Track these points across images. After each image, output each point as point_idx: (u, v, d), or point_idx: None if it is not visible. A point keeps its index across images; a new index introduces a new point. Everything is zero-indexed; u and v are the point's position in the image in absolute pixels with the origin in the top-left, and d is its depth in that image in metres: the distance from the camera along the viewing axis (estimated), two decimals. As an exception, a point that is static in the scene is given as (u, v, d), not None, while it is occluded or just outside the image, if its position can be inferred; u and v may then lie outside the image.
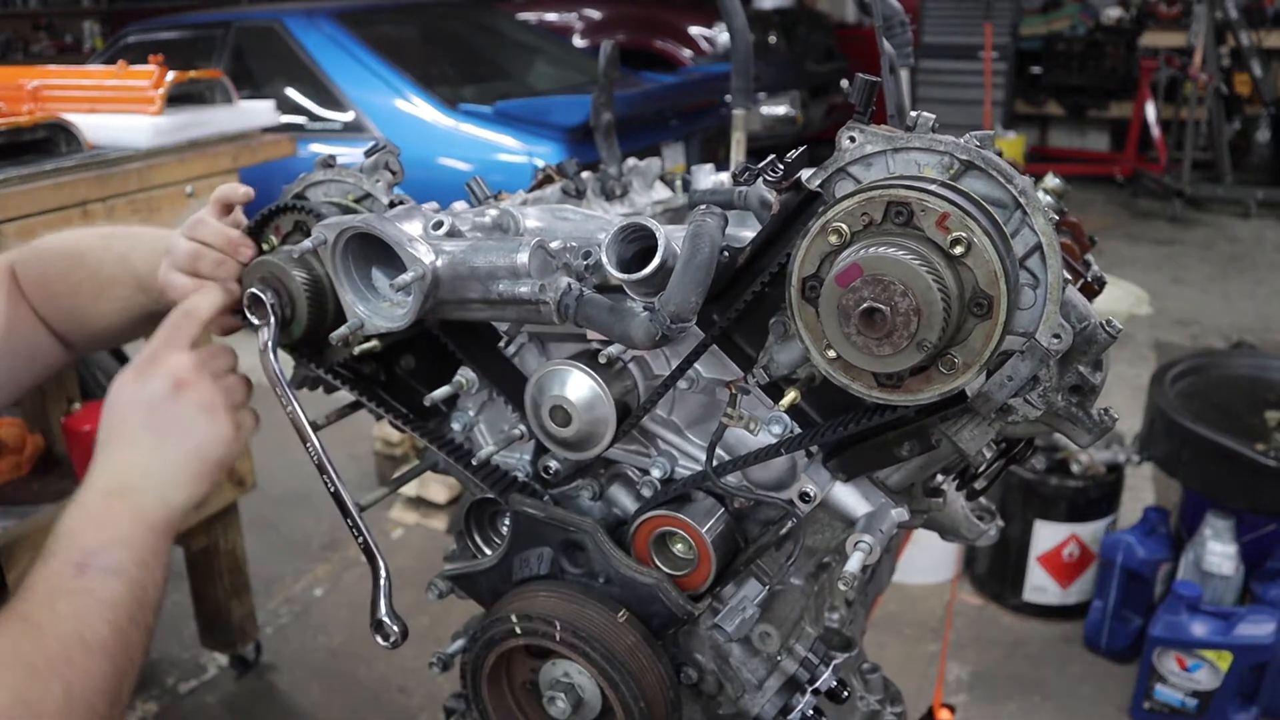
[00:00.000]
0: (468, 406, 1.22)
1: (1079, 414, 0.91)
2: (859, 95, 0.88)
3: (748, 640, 1.06)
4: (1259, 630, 2.53)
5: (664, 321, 0.89)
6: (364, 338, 1.11)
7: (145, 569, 0.95)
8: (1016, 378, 0.82)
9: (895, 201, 0.78)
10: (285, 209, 1.15)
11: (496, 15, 6.73)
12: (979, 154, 0.81)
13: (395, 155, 1.17)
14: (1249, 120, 8.24)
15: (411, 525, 3.67)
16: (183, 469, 1.02)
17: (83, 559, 0.92)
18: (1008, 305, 0.77)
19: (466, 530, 1.22)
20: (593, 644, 1.00)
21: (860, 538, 0.93)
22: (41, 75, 2.45)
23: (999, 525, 1.23)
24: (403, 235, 0.99)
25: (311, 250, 1.05)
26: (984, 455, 0.94)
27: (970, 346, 0.79)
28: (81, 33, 12.11)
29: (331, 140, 4.91)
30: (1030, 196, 0.80)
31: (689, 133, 5.27)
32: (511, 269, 0.96)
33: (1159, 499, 3.58)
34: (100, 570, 0.92)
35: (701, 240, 0.90)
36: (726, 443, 1.06)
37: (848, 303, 0.78)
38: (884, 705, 1.28)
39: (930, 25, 8.97)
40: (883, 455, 0.94)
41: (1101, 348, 0.86)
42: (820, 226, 0.82)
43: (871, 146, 0.85)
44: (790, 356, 0.92)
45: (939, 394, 0.82)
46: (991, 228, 0.77)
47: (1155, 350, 5.12)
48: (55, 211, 1.99)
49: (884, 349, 0.78)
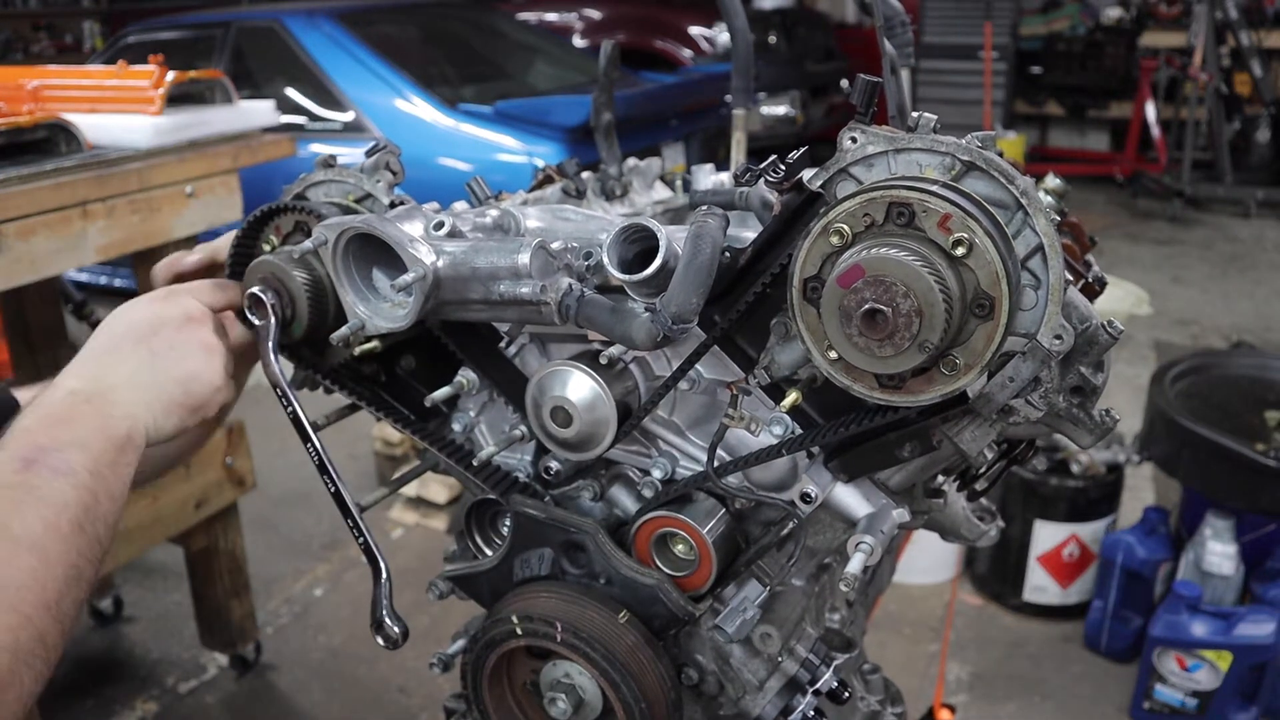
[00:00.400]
0: (468, 407, 1.22)
1: (1080, 415, 0.91)
2: (860, 96, 0.88)
3: (749, 641, 1.06)
4: (1259, 630, 2.53)
5: (665, 322, 0.89)
6: (365, 338, 1.10)
7: (99, 479, 0.90)
8: (1018, 379, 0.82)
9: (897, 202, 0.78)
10: (285, 209, 1.15)
11: (496, 15, 6.73)
12: (980, 155, 0.81)
13: (396, 155, 1.16)
14: (1249, 120, 8.23)
15: (411, 525, 3.67)
16: (164, 393, 0.98)
17: (31, 455, 0.87)
18: (1009, 306, 0.77)
19: (467, 531, 1.22)
20: (594, 645, 1.00)
21: (861, 539, 0.93)
22: (41, 75, 2.45)
23: (999, 526, 1.23)
24: (404, 236, 0.99)
25: (312, 251, 1.04)
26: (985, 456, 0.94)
27: (972, 348, 0.79)
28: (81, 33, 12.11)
29: (331, 140, 4.91)
30: (1032, 197, 0.79)
31: (689, 133, 5.27)
32: (513, 270, 0.96)
33: (1159, 499, 3.58)
34: (48, 469, 0.87)
35: (703, 241, 0.90)
36: (728, 443, 1.06)
37: (849, 304, 0.78)
38: (884, 706, 1.28)
39: (930, 25, 8.97)
40: (884, 456, 0.94)
41: (1103, 349, 0.86)
42: (822, 227, 0.81)
43: (873, 147, 0.85)
44: (791, 357, 0.92)
45: (941, 395, 0.82)
46: (993, 229, 0.77)
47: (1155, 350, 5.12)
48: (55, 211, 1.99)
49: (886, 350, 0.78)
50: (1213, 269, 6.60)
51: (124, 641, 3.14)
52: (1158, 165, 8.18)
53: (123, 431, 0.94)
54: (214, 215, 2.38)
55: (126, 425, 0.94)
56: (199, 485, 2.53)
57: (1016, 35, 9.09)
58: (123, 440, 0.94)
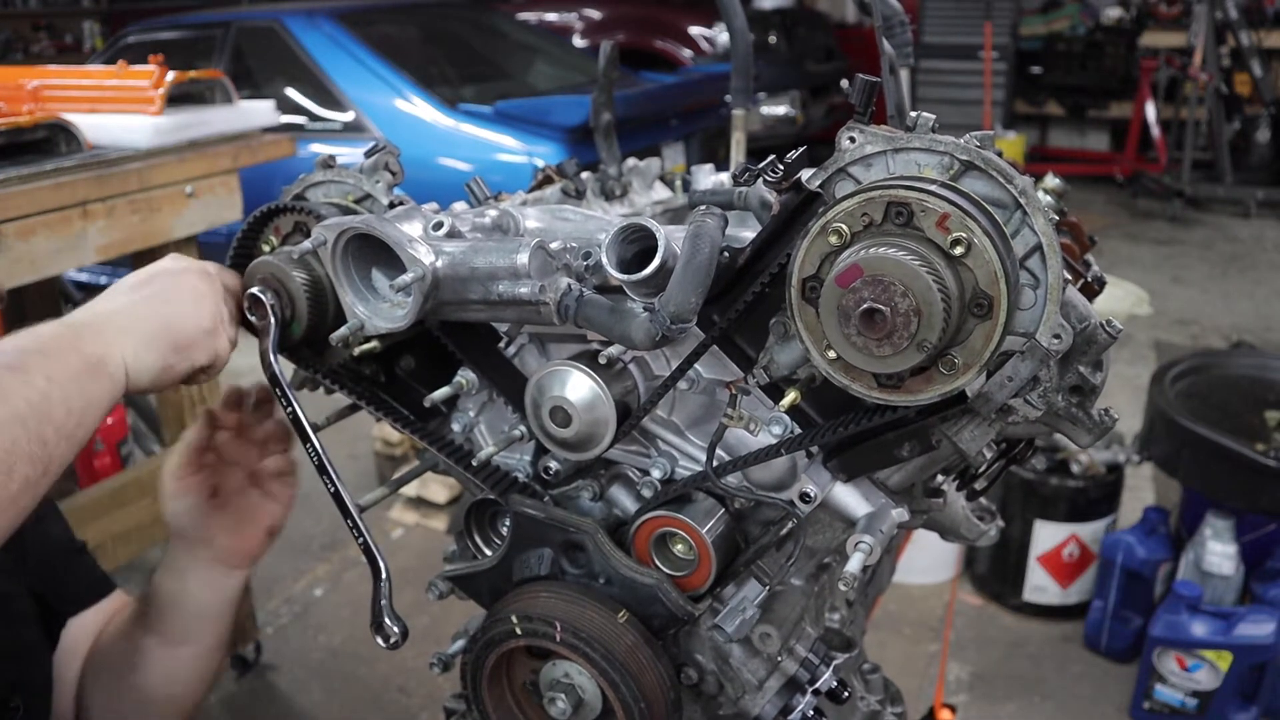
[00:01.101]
0: (468, 407, 1.22)
1: (1079, 414, 0.91)
2: (859, 96, 0.88)
3: (748, 641, 1.06)
4: (1259, 630, 2.53)
5: (664, 322, 0.89)
6: (364, 339, 1.10)
7: (56, 386, 0.89)
8: (1017, 378, 0.82)
9: (895, 202, 0.78)
10: (285, 209, 1.15)
11: (496, 15, 6.73)
12: (979, 154, 0.81)
13: (395, 156, 1.17)
14: (1249, 120, 8.23)
15: (411, 525, 3.67)
16: (147, 326, 0.99)
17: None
18: (1008, 305, 0.77)
19: (467, 531, 1.22)
20: (593, 644, 1.00)
21: (861, 538, 0.93)
22: (41, 75, 2.45)
23: (999, 525, 1.23)
24: (403, 236, 0.99)
25: (311, 251, 1.04)
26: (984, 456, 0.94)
27: (971, 347, 0.79)
28: (81, 33, 12.10)
29: (331, 140, 4.91)
30: (1030, 197, 0.79)
31: (689, 133, 5.27)
32: (512, 270, 0.96)
33: (1159, 499, 3.58)
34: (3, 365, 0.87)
35: (702, 241, 0.90)
36: (727, 443, 1.05)
37: (848, 303, 0.78)
38: (884, 705, 1.28)
39: (930, 25, 8.96)
40: (883, 456, 0.94)
41: (1101, 348, 0.86)
42: (820, 227, 0.82)
43: (871, 147, 0.85)
44: (790, 357, 0.92)
45: (939, 394, 0.82)
46: (991, 228, 0.77)
47: (1155, 350, 5.12)
48: (55, 211, 1.99)
49: (884, 350, 0.78)
50: (1213, 269, 6.60)
51: (124, 641, 3.14)
52: (1158, 165, 8.18)
53: (96, 354, 0.94)
54: (214, 215, 2.38)
55: (99, 347, 0.95)
56: (199, 485, 2.52)
57: (1016, 35, 9.09)
58: (94, 361, 0.94)
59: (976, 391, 0.82)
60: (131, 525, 2.35)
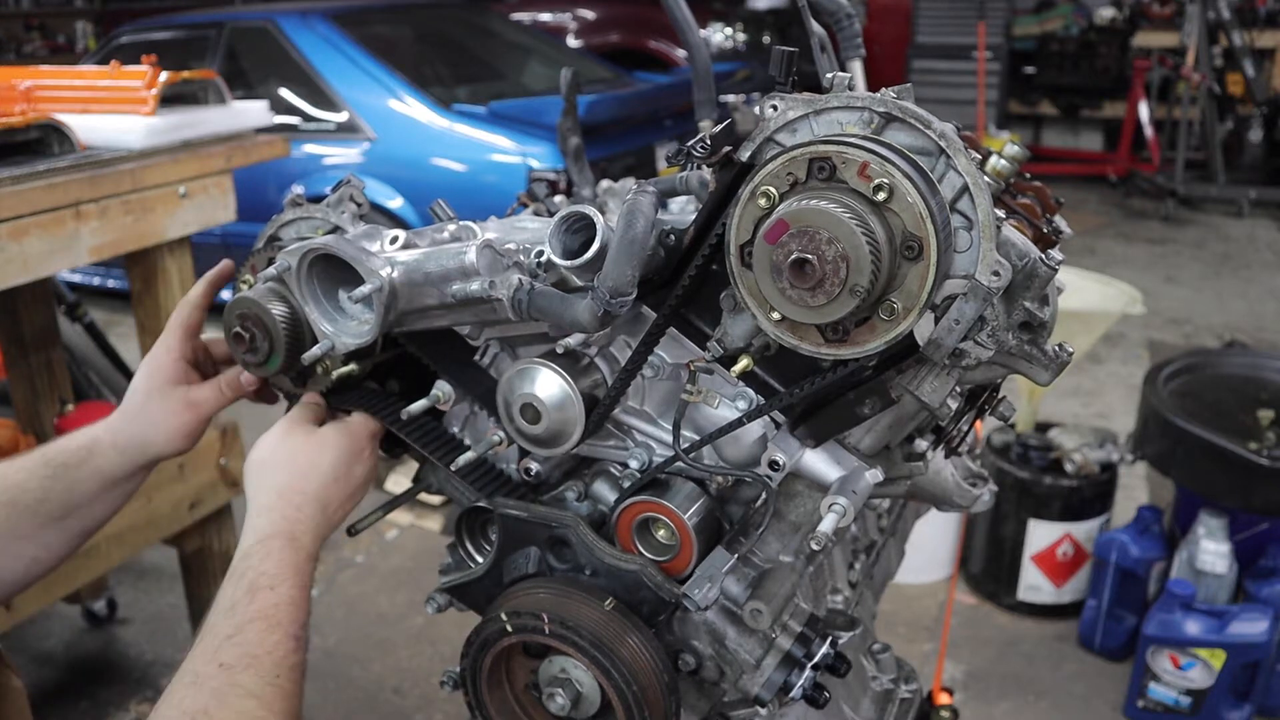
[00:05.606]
0: (451, 422, 1.25)
1: (1033, 351, 0.92)
2: (778, 66, 0.91)
3: (740, 620, 1.07)
4: (1252, 628, 2.54)
5: (604, 298, 0.90)
6: (342, 361, 1.17)
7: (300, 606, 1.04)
8: (963, 320, 0.83)
9: (817, 158, 0.80)
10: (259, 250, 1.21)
11: (490, 15, 6.73)
12: (896, 104, 0.83)
13: (359, 189, 1.21)
14: (1242, 120, 8.27)
15: (406, 526, 3.66)
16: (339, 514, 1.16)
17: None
18: (938, 245, 0.78)
19: (459, 540, 1.24)
20: (580, 632, 1.01)
21: (834, 500, 0.93)
22: (34, 76, 2.44)
23: (992, 490, 1.22)
24: (360, 251, 1.03)
25: (277, 277, 1.08)
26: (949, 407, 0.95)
27: (907, 290, 0.80)
28: (74, 33, 12.09)
29: (325, 141, 4.89)
30: (950, 140, 0.81)
31: (683, 133, 5.28)
32: (461, 269, 0.99)
33: (1152, 498, 3.60)
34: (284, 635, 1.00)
35: (635, 216, 0.92)
36: (698, 425, 1.07)
37: (778, 258, 0.80)
38: (897, 684, 1.28)
39: (923, 25, 8.99)
40: (846, 416, 0.95)
41: (1044, 282, 0.87)
42: (750, 192, 0.83)
43: (793, 112, 0.87)
44: (743, 328, 0.94)
45: (884, 342, 0.83)
46: (914, 172, 0.78)
47: (1148, 349, 5.14)
48: (48, 212, 1.99)
49: (818, 299, 0.79)
50: (1206, 268, 6.62)
51: (118, 643, 3.14)
52: (1151, 165, 8.21)
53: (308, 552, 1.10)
54: (207, 216, 2.37)
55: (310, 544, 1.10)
56: (193, 486, 2.52)
57: (1010, 35, 9.13)
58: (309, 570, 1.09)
59: (926, 338, 0.83)
60: (125, 527, 2.34)
